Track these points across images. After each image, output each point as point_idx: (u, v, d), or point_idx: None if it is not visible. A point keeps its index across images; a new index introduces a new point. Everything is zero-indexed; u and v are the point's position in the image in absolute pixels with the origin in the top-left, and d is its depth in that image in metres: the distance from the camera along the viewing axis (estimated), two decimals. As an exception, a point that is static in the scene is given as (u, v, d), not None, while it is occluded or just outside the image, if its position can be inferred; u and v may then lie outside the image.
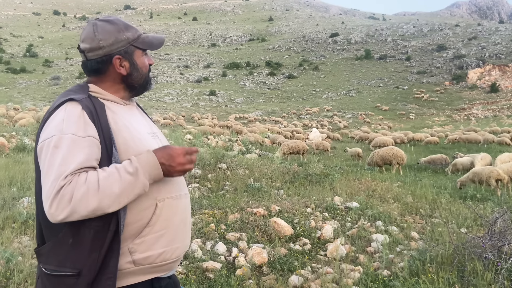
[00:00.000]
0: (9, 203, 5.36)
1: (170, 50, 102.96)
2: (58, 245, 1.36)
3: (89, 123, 1.36)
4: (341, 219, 6.02)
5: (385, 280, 3.78)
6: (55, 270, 1.35)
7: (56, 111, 1.39)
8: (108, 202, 1.26)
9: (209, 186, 7.82)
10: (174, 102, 55.50)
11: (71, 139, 1.31)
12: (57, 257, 1.35)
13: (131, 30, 1.55)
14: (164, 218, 1.45)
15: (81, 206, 1.23)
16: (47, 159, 1.30)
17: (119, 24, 1.54)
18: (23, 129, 13.17)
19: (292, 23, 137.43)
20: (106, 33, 1.50)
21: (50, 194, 1.24)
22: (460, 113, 51.63)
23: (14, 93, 53.81)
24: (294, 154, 16.02)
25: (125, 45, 1.53)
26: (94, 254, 1.32)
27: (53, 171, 1.27)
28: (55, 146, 1.30)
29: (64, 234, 1.34)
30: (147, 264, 1.42)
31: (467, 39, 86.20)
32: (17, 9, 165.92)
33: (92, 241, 1.32)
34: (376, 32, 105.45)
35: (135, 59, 1.56)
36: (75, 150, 1.30)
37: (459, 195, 8.47)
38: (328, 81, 73.64)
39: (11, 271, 3.33)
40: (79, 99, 1.40)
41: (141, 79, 1.59)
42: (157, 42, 1.61)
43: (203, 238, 4.85)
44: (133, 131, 1.48)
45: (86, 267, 1.31)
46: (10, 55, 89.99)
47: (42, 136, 1.36)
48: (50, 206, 1.24)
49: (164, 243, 1.45)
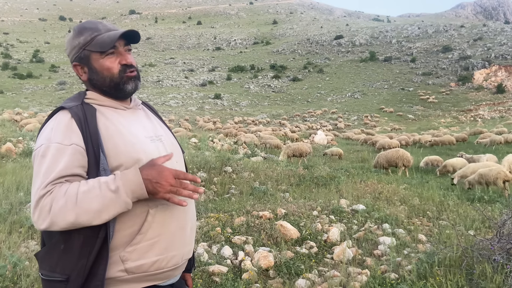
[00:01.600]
0: (16, 208, 5.39)
1: (175, 54, 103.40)
2: (51, 251, 1.37)
3: (75, 131, 1.36)
4: (348, 222, 5.99)
5: (392, 283, 3.75)
6: (48, 275, 1.37)
7: (49, 121, 1.43)
8: (87, 217, 1.24)
9: (215, 189, 7.82)
10: (179, 106, 55.66)
11: (56, 148, 1.32)
12: (49, 262, 1.36)
13: (85, 34, 1.49)
14: (158, 226, 1.41)
15: (59, 218, 1.23)
16: (35, 168, 1.34)
17: (76, 30, 1.53)
18: (30, 134, 13.26)
19: (297, 26, 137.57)
20: (67, 42, 1.57)
21: (32, 203, 1.27)
22: (466, 114, 51.29)
23: (21, 98, 54.24)
24: (297, 156, 16.00)
25: (78, 51, 1.51)
26: (82, 260, 1.31)
27: (38, 180, 1.29)
28: (42, 156, 1.33)
29: (57, 240, 1.35)
30: (140, 273, 1.39)
31: (472, 40, 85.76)
32: (23, 15, 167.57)
33: (81, 247, 1.31)
34: (381, 34, 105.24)
35: (92, 63, 1.50)
36: (58, 158, 1.31)
37: (467, 197, 8.40)
38: (333, 83, 73.53)
39: (18, 276, 3.34)
40: (69, 107, 1.42)
41: (105, 82, 1.49)
42: (109, 40, 1.47)
43: (209, 242, 4.84)
44: (127, 136, 1.44)
45: (74, 274, 1.31)
46: (17, 60, 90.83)
47: (35, 145, 1.40)
48: (33, 215, 1.27)
49: (157, 251, 1.41)
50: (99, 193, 1.26)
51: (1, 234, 4.31)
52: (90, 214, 1.25)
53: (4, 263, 3.46)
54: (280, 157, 15.08)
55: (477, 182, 9.90)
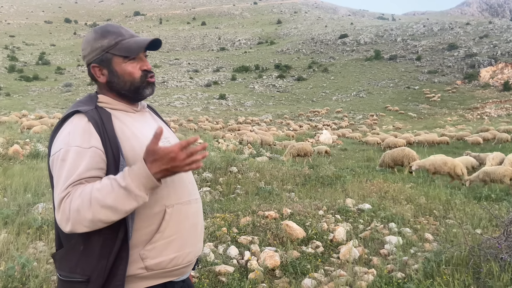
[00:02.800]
0: (24, 209, 5.44)
1: (180, 55, 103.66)
2: (70, 252, 1.39)
3: (94, 134, 1.38)
4: (354, 221, 5.98)
5: (399, 282, 3.74)
6: (67, 276, 1.39)
7: (64, 124, 1.43)
8: (103, 213, 1.25)
9: (220, 189, 7.84)
10: (184, 107, 55.82)
11: (76, 151, 1.34)
12: (69, 263, 1.38)
13: (109, 37, 1.51)
14: (174, 224, 1.46)
15: (78, 219, 1.25)
16: (56, 172, 1.35)
17: (98, 32, 1.54)
18: (37, 136, 13.36)
19: (301, 25, 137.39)
20: (86, 43, 1.56)
21: (55, 206, 1.31)
22: (472, 112, 50.95)
23: (27, 100, 54.66)
24: (301, 156, 15.98)
25: (100, 53, 1.52)
26: (102, 261, 1.34)
27: (59, 183, 1.32)
28: (62, 159, 1.34)
29: (76, 241, 1.38)
30: (159, 270, 1.44)
31: (478, 38, 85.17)
32: (29, 18, 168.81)
33: (101, 248, 1.34)
34: (386, 32, 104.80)
35: (114, 67, 1.52)
36: (78, 161, 1.33)
37: (474, 196, 8.35)
38: (338, 82, 73.35)
39: (27, 277, 3.37)
40: (85, 111, 1.43)
41: (125, 85, 1.52)
42: (136, 46, 1.51)
43: (215, 242, 4.85)
44: (141, 138, 1.47)
45: (95, 274, 1.33)
46: (23, 63, 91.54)
47: (53, 149, 1.41)
48: (58, 218, 1.29)
49: (175, 248, 1.46)
50: (111, 189, 1.26)
51: (10, 235, 4.36)
52: (106, 210, 1.25)
53: (13, 264, 3.50)
54: (283, 157, 15.09)
55: (480, 180, 9.89)
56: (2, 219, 4.87)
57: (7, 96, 59.44)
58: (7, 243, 4.14)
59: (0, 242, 4.12)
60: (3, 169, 8.16)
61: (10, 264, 3.51)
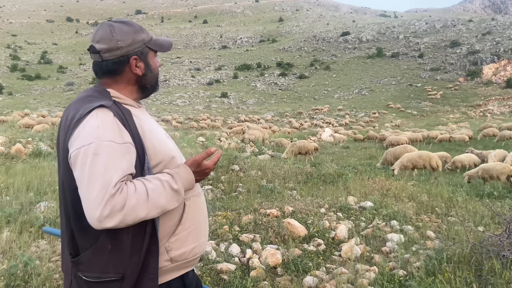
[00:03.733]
0: (26, 208, 5.46)
1: (182, 53, 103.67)
2: (98, 252, 1.37)
3: (123, 130, 1.37)
4: (356, 219, 5.97)
5: (401, 280, 3.74)
6: (98, 276, 1.36)
7: (86, 117, 1.36)
8: (155, 211, 1.33)
9: (222, 188, 7.84)
10: (186, 105, 55.84)
11: (110, 146, 1.31)
12: (99, 264, 1.36)
13: (145, 32, 1.60)
14: (192, 215, 1.54)
15: (131, 215, 1.27)
16: (87, 166, 1.28)
17: (134, 25, 1.58)
18: (39, 135, 13.39)
19: (303, 23, 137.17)
20: (124, 34, 1.52)
21: (100, 202, 1.24)
22: (475, 109, 50.78)
23: (29, 99, 54.79)
24: (302, 154, 15.98)
25: (141, 46, 1.56)
26: (135, 257, 1.36)
27: (98, 178, 1.26)
28: (95, 154, 1.29)
29: (102, 241, 1.35)
30: (181, 260, 1.50)
31: (481, 34, 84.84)
32: (31, 17, 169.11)
33: (131, 245, 1.36)
34: (388, 29, 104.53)
35: (149, 60, 1.60)
36: (117, 157, 1.31)
37: (476, 193, 8.34)
38: (340, 80, 73.24)
39: (29, 275, 3.38)
40: (109, 105, 1.41)
41: (153, 80, 1.64)
42: (167, 44, 1.67)
43: (217, 240, 4.86)
44: (155, 134, 1.51)
45: (129, 271, 1.35)
46: (25, 62, 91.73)
47: (76, 143, 1.33)
48: (101, 213, 1.23)
49: (194, 238, 1.54)
50: (163, 190, 1.35)
51: (12, 234, 4.37)
52: (158, 209, 1.34)
53: (15, 262, 3.51)
54: (284, 155, 15.12)
55: (479, 176, 9.90)
56: (5, 218, 4.89)
57: (9, 95, 59.60)
58: (9, 242, 4.16)
59: (3, 241, 4.13)
60: (6, 168, 8.18)
61: (13, 262, 3.52)
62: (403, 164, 11.53)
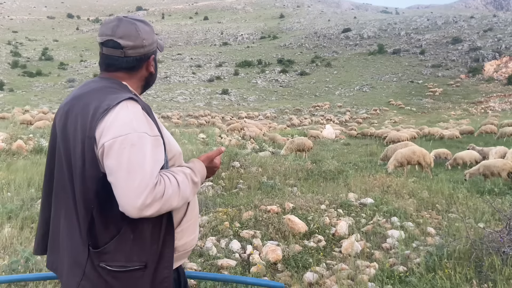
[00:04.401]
0: (27, 204, 5.48)
1: (182, 50, 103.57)
2: (122, 242, 1.40)
3: (152, 123, 1.43)
4: (356, 215, 5.98)
5: (401, 276, 3.75)
6: (124, 266, 1.40)
7: (115, 108, 1.37)
8: (182, 201, 1.40)
9: (223, 184, 7.85)
10: (187, 102, 55.83)
11: (146, 138, 1.35)
12: (124, 253, 1.40)
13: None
14: (192, 208, 1.61)
15: (168, 203, 1.34)
16: (125, 156, 1.30)
17: (151, 25, 1.64)
18: (40, 131, 13.41)
19: (304, 19, 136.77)
20: (147, 33, 1.58)
21: (141, 191, 1.27)
22: (477, 106, 50.65)
23: (31, 96, 54.81)
24: (300, 151, 16.02)
25: (155, 46, 1.64)
26: (154, 246, 1.43)
27: (138, 169, 1.29)
28: (133, 144, 1.32)
29: (125, 231, 1.39)
30: (182, 251, 1.57)
31: (482, 31, 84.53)
32: (31, 14, 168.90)
33: (151, 234, 1.42)
34: (389, 26, 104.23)
35: (155, 59, 1.68)
36: (152, 149, 1.36)
37: (477, 190, 8.33)
38: (341, 77, 73.11)
39: (31, 270, 3.40)
40: (136, 98, 1.45)
41: (155, 77, 1.72)
42: (163, 45, 1.75)
43: (218, 236, 4.87)
44: (165, 130, 1.56)
45: (150, 259, 1.42)
46: (26, 58, 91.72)
47: (110, 132, 1.33)
48: (143, 201, 1.27)
49: (192, 230, 1.61)
50: (188, 183, 1.44)
51: (13, 230, 4.39)
52: (184, 200, 1.42)
53: (17, 258, 3.53)
54: (282, 152, 15.18)
55: (480, 173, 9.92)
56: (6, 214, 4.91)
57: (10, 91, 59.63)
58: (10, 237, 4.17)
59: (4, 236, 4.15)
60: (7, 164, 8.20)
61: (14, 258, 3.54)
62: (398, 160, 11.60)
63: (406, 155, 11.61)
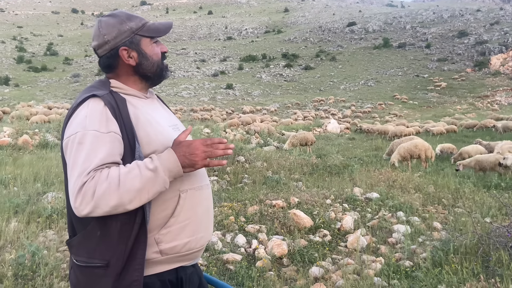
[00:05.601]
0: (33, 198, 5.50)
1: (187, 44, 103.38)
2: (87, 237, 1.39)
3: (111, 119, 1.38)
4: (361, 210, 5.96)
5: (407, 270, 3.73)
6: (85, 261, 1.39)
7: (79, 107, 1.41)
8: (129, 197, 1.28)
9: (228, 179, 7.85)
10: (191, 97, 55.82)
11: (94, 135, 1.33)
12: (86, 249, 1.39)
13: (135, 20, 1.54)
14: (188, 209, 1.48)
15: (102, 202, 1.26)
16: (72, 155, 1.33)
17: (121, 16, 1.54)
18: (46, 126, 13.46)
19: (308, 13, 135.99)
20: (109, 27, 1.51)
21: (74, 190, 1.27)
22: (483, 100, 50.25)
23: (36, 91, 55.04)
24: (302, 145, 16.03)
25: (129, 36, 1.52)
26: (121, 245, 1.35)
27: (77, 167, 1.30)
28: (79, 143, 1.33)
29: (92, 227, 1.37)
30: (173, 254, 1.45)
31: (489, 24, 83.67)
32: (36, 9, 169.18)
33: (119, 233, 1.35)
34: (395, 19, 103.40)
35: (143, 48, 1.54)
36: (98, 146, 1.32)
37: (483, 184, 8.28)
38: (346, 71, 72.74)
39: (37, 265, 3.41)
40: (101, 95, 1.42)
41: (153, 67, 1.57)
42: (163, 27, 1.58)
43: (223, 231, 4.87)
44: (154, 124, 1.49)
45: (114, 258, 1.35)
46: (31, 54, 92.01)
47: (67, 132, 1.39)
48: (75, 201, 1.27)
49: (189, 233, 1.48)
50: (138, 173, 1.30)
51: (20, 224, 4.41)
52: (132, 193, 1.28)
53: (23, 252, 3.54)
54: (285, 146, 15.23)
55: (472, 167, 10.02)
56: (13, 208, 4.93)
57: (16, 87, 59.90)
58: (17, 232, 4.19)
59: (11, 231, 4.17)
60: (13, 159, 8.24)
61: (21, 252, 3.56)
62: (401, 155, 11.69)
63: (409, 149, 11.68)
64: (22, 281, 3.21)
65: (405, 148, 11.72)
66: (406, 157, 11.71)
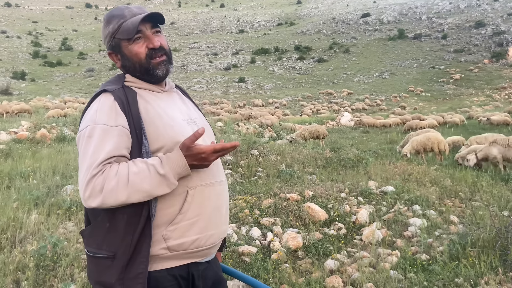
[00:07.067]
0: (53, 191, 5.61)
1: (199, 38, 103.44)
2: (96, 229, 1.44)
3: (120, 113, 1.41)
4: (377, 203, 5.93)
5: (424, 264, 3.71)
6: (94, 252, 1.43)
7: (92, 102, 1.48)
8: (137, 196, 1.31)
9: (242, 172, 7.88)
10: (204, 90, 55.99)
11: (102, 129, 1.37)
12: (96, 240, 1.43)
13: (113, 22, 1.52)
14: (197, 206, 1.46)
15: (111, 198, 1.29)
16: (82, 148, 1.38)
17: (105, 18, 1.57)
18: (63, 120, 13.68)
19: (321, 5, 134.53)
20: (102, 31, 1.60)
21: (83, 182, 1.31)
22: (500, 92, 49.26)
23: (52, 85, 55.90)
24: (314, 139, 15.97)
25: (110, 40, 1.55)
26: (127, 238, 1.37)
27: (86, 160, 1.34)
28: (89, 136, 1.37)
29: (102, 219, 1.41)
30: (181, 250, 1.45)
31: (506, 14, 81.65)
32: (51, 4, 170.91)
33: (125, 226, 1.37)
34: (410, 10, 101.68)
35: (123, 50, 1.52)
36: (106, 139, 1.36)
37: (501, 177, 8.15)
38: (360, 63, 71.97)
39: (58, 255, 3.49)
40: (111, 90, 1.46)
41: (136, 67, 1.52)
42: (131, 26, 1.48)
43: (238, 223, 4.91)
44: (166, 118, 1.48)
45: (120, 251, 1.37)
46: (47, 48, 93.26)
47: (80, 126, 1.45)
48: (84, 193, 1.31)
49: (197, 230, 1.46)
50: (148, 174, 1.32)
51: (40, 216, 4.51)
52: (141, 194, 1.32)
53: (44, 243, 3.63)
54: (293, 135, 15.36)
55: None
56: (33, 201, 5.04)
57: (32, 81, 60.86)
58: (38, 224, 4.29)
59: (32, 223, 4.27)
60: (32, 152, 8.41)
61: (42, 243, 3.64)
62: (413, 147, 11.69)
63: (421, 141, 11.69)
64: (43, 272, 3.29)
65: (417, 141, 11.67)
66: (419, 150, 11.65)
